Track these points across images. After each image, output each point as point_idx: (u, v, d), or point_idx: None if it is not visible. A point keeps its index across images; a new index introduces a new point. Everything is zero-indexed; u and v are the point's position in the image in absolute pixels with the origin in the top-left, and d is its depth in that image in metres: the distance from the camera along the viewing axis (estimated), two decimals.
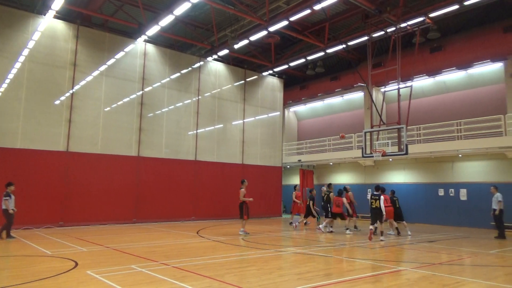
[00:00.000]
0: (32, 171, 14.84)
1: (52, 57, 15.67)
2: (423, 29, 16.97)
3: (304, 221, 16.99)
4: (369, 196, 20.91)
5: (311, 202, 15.39)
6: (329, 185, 15.85)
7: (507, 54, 17.08)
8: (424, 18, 15.62)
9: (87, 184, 16.06)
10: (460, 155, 18.10)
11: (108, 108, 17.06)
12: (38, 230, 14.08)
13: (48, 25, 15.67)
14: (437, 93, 21.23)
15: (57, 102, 15.75)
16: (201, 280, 6.42)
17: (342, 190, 15.05)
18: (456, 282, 6.60)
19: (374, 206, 12.75)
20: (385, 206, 12.63)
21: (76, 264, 7.61)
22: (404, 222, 14.32)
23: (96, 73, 16.79)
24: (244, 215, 13.42)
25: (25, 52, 15.07)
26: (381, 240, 12.19)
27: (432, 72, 19.90)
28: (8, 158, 14.38)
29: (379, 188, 13.20)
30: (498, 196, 13.37)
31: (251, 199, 13.56)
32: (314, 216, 15.56)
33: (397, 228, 13.92)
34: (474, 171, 18.02)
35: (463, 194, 18.05)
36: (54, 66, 15.69)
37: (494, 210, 13.33)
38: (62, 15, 16.42)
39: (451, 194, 18.49)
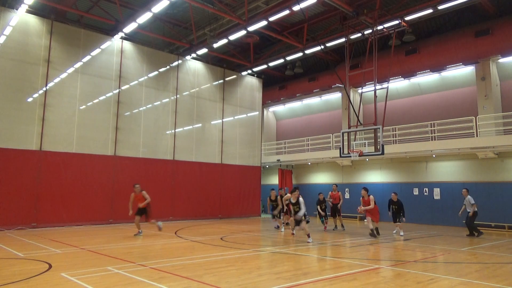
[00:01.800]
0: (3, 171, 14.33)
1: (24, 53, 15.17)
2: (399, 32, 17.36)
3: (286, 222, 17.11)
4: (347, 195, 21.56)
5: (318, 206, 15.90)
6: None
7: (478, 57, 17.68)
8: (400, 21, 15.97)
9: (61, 184, 15.64)
10: (433, 155, 18.60)
11: (84, 106, 16.66)
12: (9, 231, 13.60)
13: (20, 20, 15.17)
14: (412, 95, 21.78)
15: (30, 99, 15.26)
16: (179, 280, 6.36)
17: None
18: (430, 279, 6.78)
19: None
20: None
21: (50, 266, 7.39)
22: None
23: (70, 70, 16.36)
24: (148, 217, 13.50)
25: None
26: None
27: (407, 74, 20.39)
28: None
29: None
30: (470, 199, 13.53)
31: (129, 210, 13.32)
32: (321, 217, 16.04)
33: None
34: (447, 171, 18.56)
35: (436, 193, 18.56)
36: (26, 62, 15.20)
37: (468, 212, 13.52)
38: (35, 10, 15.92)
39: (425, 193, 18.99)
